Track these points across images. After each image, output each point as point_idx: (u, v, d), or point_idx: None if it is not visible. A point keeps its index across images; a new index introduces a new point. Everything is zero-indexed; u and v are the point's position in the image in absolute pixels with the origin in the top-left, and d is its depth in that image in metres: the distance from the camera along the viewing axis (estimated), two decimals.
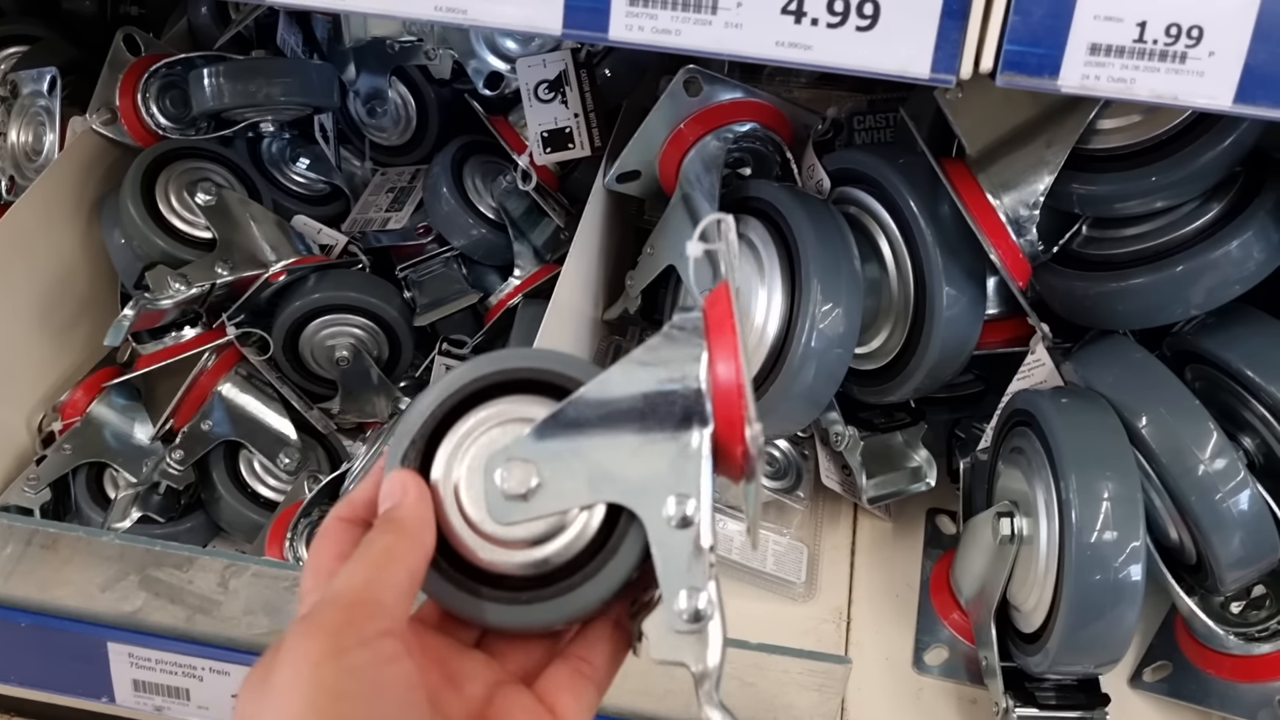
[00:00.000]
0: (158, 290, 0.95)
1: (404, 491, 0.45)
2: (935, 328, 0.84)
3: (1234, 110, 0.58)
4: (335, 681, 0.39)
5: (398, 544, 0.43)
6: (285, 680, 0.39)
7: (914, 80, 0.61)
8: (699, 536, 0.43)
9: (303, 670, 0.39)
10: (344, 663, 0.40)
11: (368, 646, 0.40)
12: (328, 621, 0.41)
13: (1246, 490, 0.76)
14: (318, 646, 0.40)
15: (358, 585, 0.42)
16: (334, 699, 0.39)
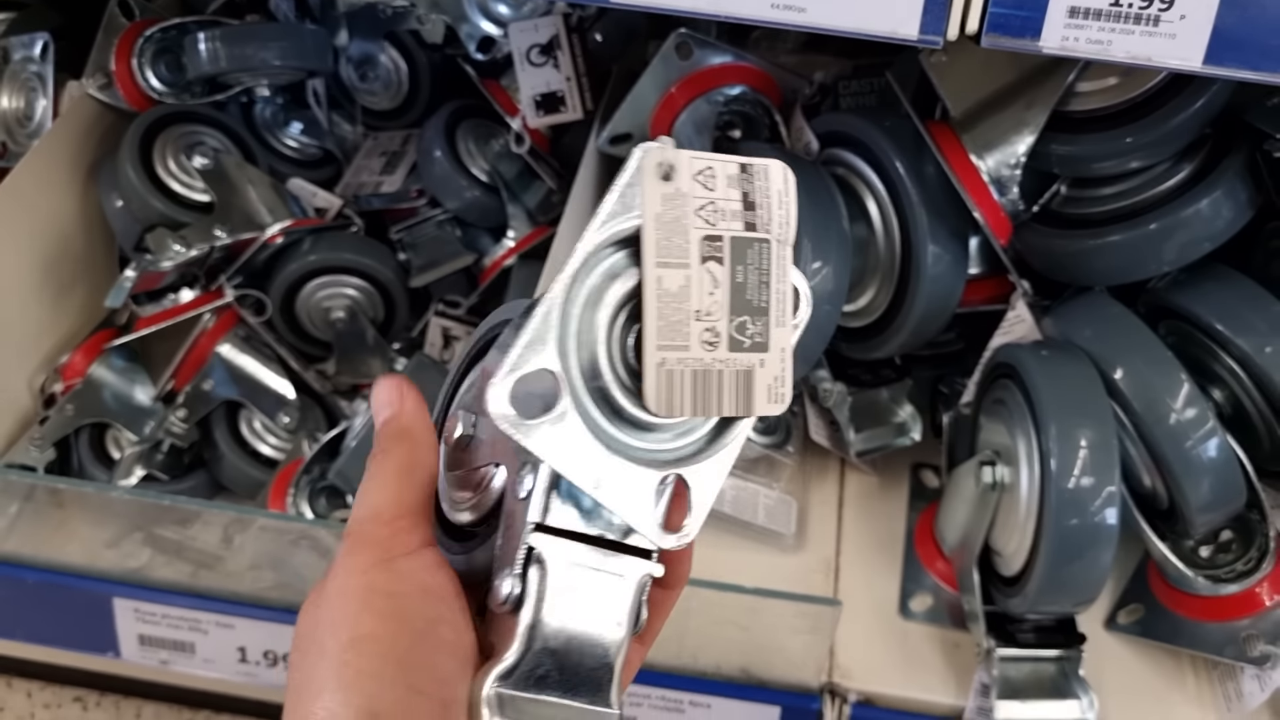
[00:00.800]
0: (158, 252, 0.96)
1: (401, 398, 0.45)
2: (921, 285, 0.86)
3: (1204, 71, 0.61)
4: (386, 583, 0.40)
5: (413, 453, 0.44)
6: (337, 588, 0.41)
7: (903, 41, 0.63)
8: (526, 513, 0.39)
9: (354, 577, 0.41)
10: (392, 569, 0.41)
11: (413, 556, 0.41)
12: (372, 536, 0.42)
13: (1215, 438, 0.80)
14: (366, 557, 0.41)
15: (391, 500, 0.42)
16: (386, 597, 0.40)
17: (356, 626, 0.39)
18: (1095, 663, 0.86)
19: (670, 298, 0.38)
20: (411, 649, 0.39)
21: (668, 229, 0.38)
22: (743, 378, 0.39)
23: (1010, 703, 0.83)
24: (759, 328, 0.39)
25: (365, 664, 0.38)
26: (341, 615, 0.40)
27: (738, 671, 0.87)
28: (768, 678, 0.87)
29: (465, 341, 0.48)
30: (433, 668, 0.39)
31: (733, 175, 0.38)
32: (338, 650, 0.39)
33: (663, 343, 0.38)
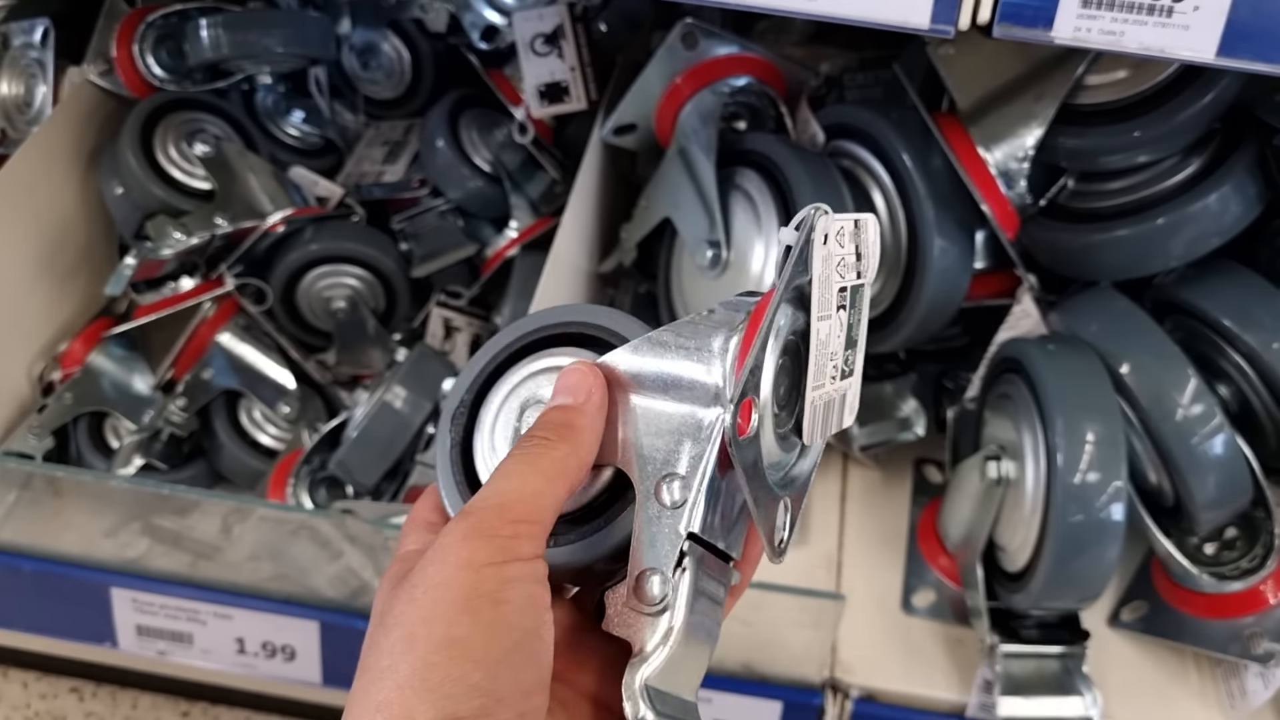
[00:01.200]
0: (159, 239, 0.96)
1: (589, 394, 0.43)
2: (927, 279, 0.86)
3: (1217, 63, 0.61)
4: (494, 589, 0.39)
5: (571, 457, 0.42)
6: (441, 578, 0.39)
7: (914, 30, 0.62)
8: (680, 522, 0.42)
9: (462, 572, 0.39)
10: (504, 574, 0.39)
11: (527, 564, 0.40)
12: (492, 529, 0.40)
13: (1222, 434, 0.79)
14: (480, 552, 0.39)
15: (528, 495, 0.41)
16: (492, 605, 0.38)
17: (453, 626, 0.38)
18: (1098, 659, 0.86)
19: (822, 344, 0.44)
20: (502, 660, 0.38)
21: (823, 286, 0.43)
22: (841, 400, 0.46)
23: (1014, 699, 0.83)
24: (854, 357, 0.46)
25: (454, 669, 0.37)
26: (438, 610, 0.38)
27: (739, 666, 0.87)
28: (769, 673, 0.86)
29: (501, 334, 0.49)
30: (517, 679, 0.39)
31: (852, 232, 0.44)
32: (428, 648, 0.37)
33: (815, 384, 0.44)
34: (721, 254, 0.88)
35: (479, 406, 0.47)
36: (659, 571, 0.42)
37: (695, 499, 0.42)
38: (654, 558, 0.42)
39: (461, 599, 0.38)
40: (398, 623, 0.39)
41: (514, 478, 0.41)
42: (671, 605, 0.41)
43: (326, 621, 0.91)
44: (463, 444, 0.47)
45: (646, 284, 1.04)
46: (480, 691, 0.37)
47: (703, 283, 0.91)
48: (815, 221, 0.43)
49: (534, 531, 0.40)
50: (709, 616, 0.43)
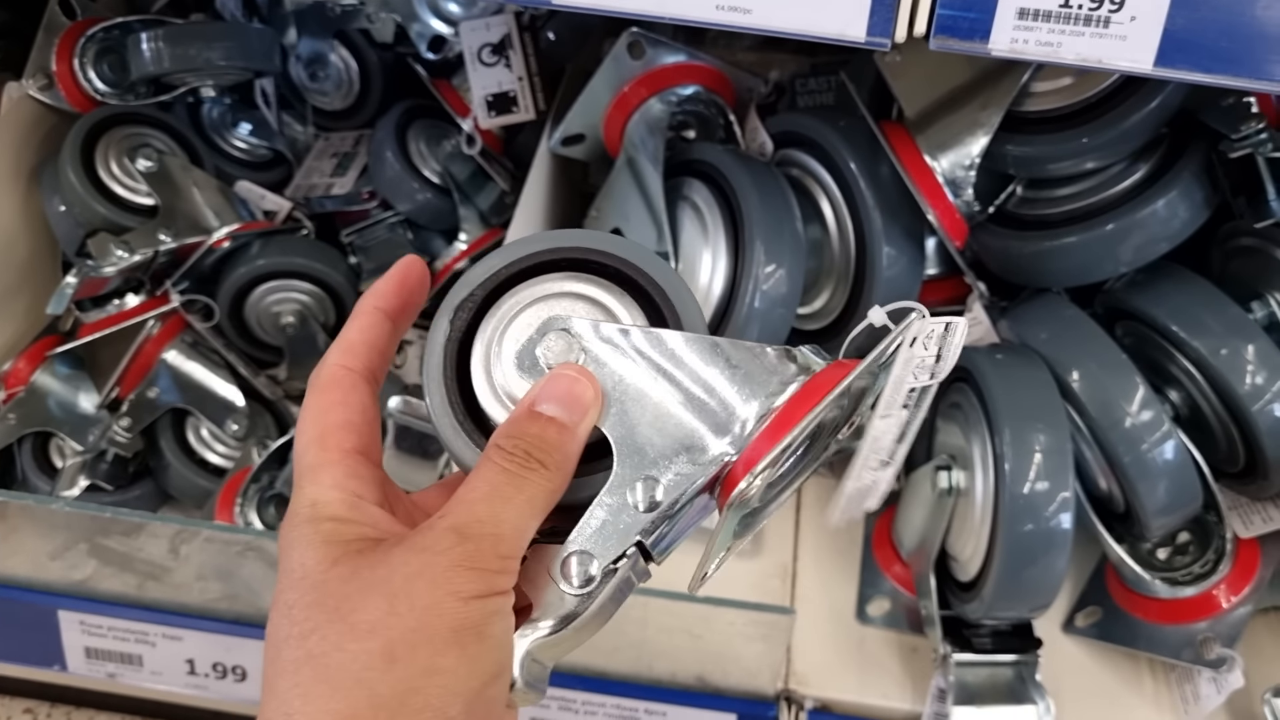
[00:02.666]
0: (100, 257, 0.94)
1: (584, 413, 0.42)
2: (876, 287, 0.86)
3: (1154, 73, 0.60)
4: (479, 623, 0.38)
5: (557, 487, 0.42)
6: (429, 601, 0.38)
7: (850, 43, 0.62)
8: (639, 526, 0.41)
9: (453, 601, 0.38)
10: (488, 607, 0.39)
11: (506, 597, 0.40)
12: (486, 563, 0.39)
13: (1171, 441, 0.79)
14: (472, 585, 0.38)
15: (521, 529, 0.40)
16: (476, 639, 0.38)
17: (439, 656, 0.37)
18: (1053, 666, 0.86)
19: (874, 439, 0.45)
20: (479, 694, 0.38)
21: (895, 385, 0.43)
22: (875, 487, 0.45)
23: (967, 709, 0.83)
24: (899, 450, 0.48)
25: (435, 699, 0.37)
26: (424, 635, 0.37)
27: (693, 679, 0.86)
28: (723, 685, 0.86)
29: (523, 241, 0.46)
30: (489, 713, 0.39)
31: (940, 334, 0.42)
32: (410, 672, 0.37)
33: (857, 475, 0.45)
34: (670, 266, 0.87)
35: (487, 307, 0.45)
36: (596, 559, 0.41)
37: (661, 514, 0.42)
38: (598, 545, 0.41)
39: (449, 629, 0.38)
40: (373, 630, 0.37)
41: (509, 506, 0.40)
42: (592, 595, 0.41)
43: None
44: (461, 339, 0.45)
45: None
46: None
47: None
48: (910, 324, 0.41)
49: (515, 566, 0.40)
50: (611, 608, 0.42)
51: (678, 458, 0.42)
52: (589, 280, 0.45)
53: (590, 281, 0.45)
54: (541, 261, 0.45)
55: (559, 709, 0.87)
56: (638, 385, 0.42)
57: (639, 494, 0.42)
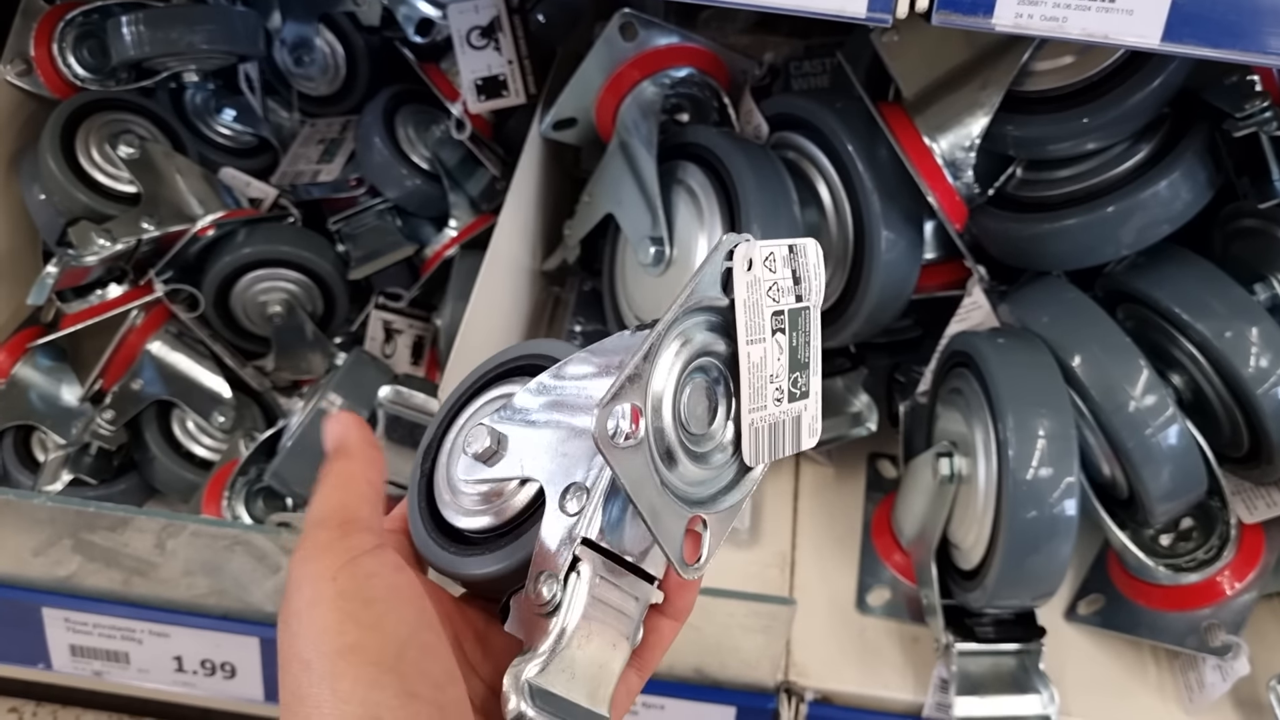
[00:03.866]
0: (81, 247, 0.92)
1: (345, 429, 0.47)
2: (874, 271, 0.84)
3: (1162, 48, 0.59)
4: (357, 589, 0.40)
5: (350, 465, 0.45)
6: (307, 600, 0.40)
7: (850, 19, 0.60)
8: (573, 528, 0.43)
9: (322, 586, 0.40)
10: (357, 570, 0.41)
11: (372, 555, 0.42)
12: (324, 540, 0.42)
13: (1175, 425, 0.78)
14: (327, 563, 0.41)
15: (334, 507, 0.43)
16: (364, 605, 0.40)
17: (340, 637, 0.39)
18: (1055, 654, 0.85)
19: (755, 367, 0.45)
20: (400, 656, 0.39)
21: (751, 311, 0.44)
22: (795, 422, 0.47)
23: (970, 699, 0.82)
24: (805, 379, 0.47)
25: (359, 673, 0.38)
26: (321, 628, 0.39)
27: (691, 672, 0.85)
28: (722, 678, 0.84)
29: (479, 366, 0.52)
30: (423, 673, 0.40)
31: (785, 256, 0.45)
32: (326, 663, 0.38)
33: (752, 406, 0.45)
34: (665, 251, 0.85)
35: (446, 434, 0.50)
36: (553, 575, 0.43)
37: (591, 506, 0.43)
38: (551, 561, 0.44)
39: (336, 610, 0.39)
40: (291, 656, 0.39)
41: (315, 501, 0.44)
42: (562, 607, 0.43)
43: (267, 637, 0.88)
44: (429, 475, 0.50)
45: (591, 281, 1.02)
46: (393, 690, 0.38)
47: (646, 280, 0.89)
48: (736, 249, 0.44)
49: (357, 529, 0.42)
50: (613, 626, 0.44)
51: (589, 458, 0.45)
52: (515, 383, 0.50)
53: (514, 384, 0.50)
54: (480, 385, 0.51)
55: None
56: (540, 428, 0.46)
57: (569, 504, 0.44)
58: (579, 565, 0.43)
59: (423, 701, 0.39)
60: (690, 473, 0.45)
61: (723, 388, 0.46)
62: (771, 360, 0.45)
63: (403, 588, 0.42)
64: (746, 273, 0.44)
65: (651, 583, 0.45)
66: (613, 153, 0.92)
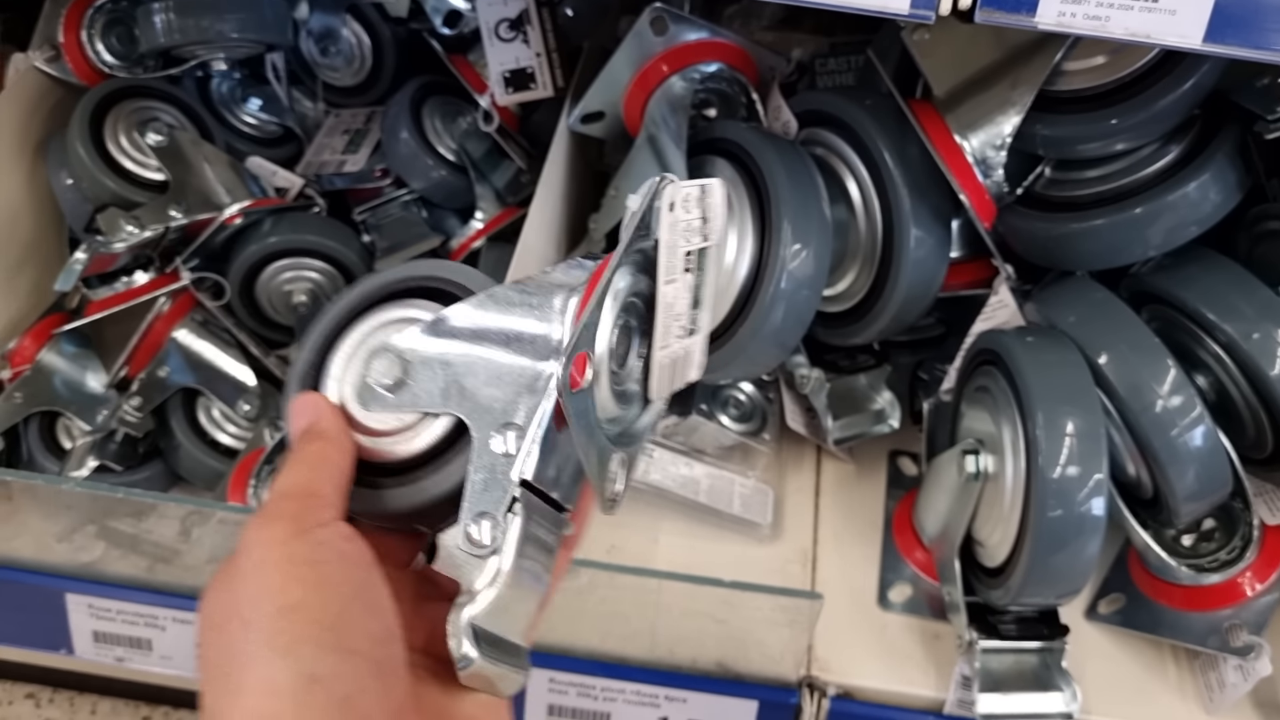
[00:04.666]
0: (110, 233, 0.92)
1: (317, 410, 0.47)
2: (903, 269, 0.84)
3: (1204, 49, 0.59)
4: (306, 553, 0.41)
5: (326, 448, 0.46)
6: (256, 561, 0.41)
7: (894, 16, 0.61)
8: (513, 469, 0.44)
9: (272, 549, 0.41)
10: (309, 538, 0.42)
11: (326, 527, 0.43)
12: (284, 509, 0.43)
13: (1202, 426, 0.78)
14: (281, 528, 0.42)
15: (301, 482, 0.44)
16: (310, 566, 0.41)
17: (284, 596, 0.40)
18: (1076, 652, 0.85)
19: (668, 306, 0.46)
20: (341, 614, 0.40)
21: (670, 251, 0.45)
22: (687, 357, 0.49)
23: (992, 695, 0.82)
24: (698, 315, 0.48)
25: (299, 630, 0.39)
26: (264, 587, 0.40)
27: (714, 665, 0.85)
28: (745, 671, 0.85)
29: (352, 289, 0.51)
30: (363, 630, 0.41)
31: (697, 197, 0.46)
32: (266, 621, 0.39)
33: (661, 344, 0.46)
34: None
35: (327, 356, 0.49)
36: (490, 515, 0.44)
37: (529, 448, 0.44)
38: (486, 502, 0.44)
39: (282, 570, 0.41)
40: (227, 615, 0.40)
41: (283, 475, 0.45)
42: (501, 549, 0.43)
43: None
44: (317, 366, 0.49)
45: None
46: (330, 648, 0.39)
47: None
48: (662, 189, 0.45)
49: (319, 504, 0.44)
50: (538, 563, 0.45)
51: (520, 398, 0.45)
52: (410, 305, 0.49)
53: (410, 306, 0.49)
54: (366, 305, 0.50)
55: (577, 695, 0.86)
56: (462, 360, 0.46)
57: (503, 443, 0.45)
58: (515, 506, 0.44)
59: (361, 657, 0.40)
60: (612, 411, 0.47)
61: (637, 325, 0.47)
62: (680, 299, 0.47)
63: (352, 554, 0.43)
64: (669, 213, 0.45)
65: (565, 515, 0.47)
66: (640, 147, 0.92)
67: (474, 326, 0.46)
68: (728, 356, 0.84)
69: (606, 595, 0.81)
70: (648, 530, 0.95)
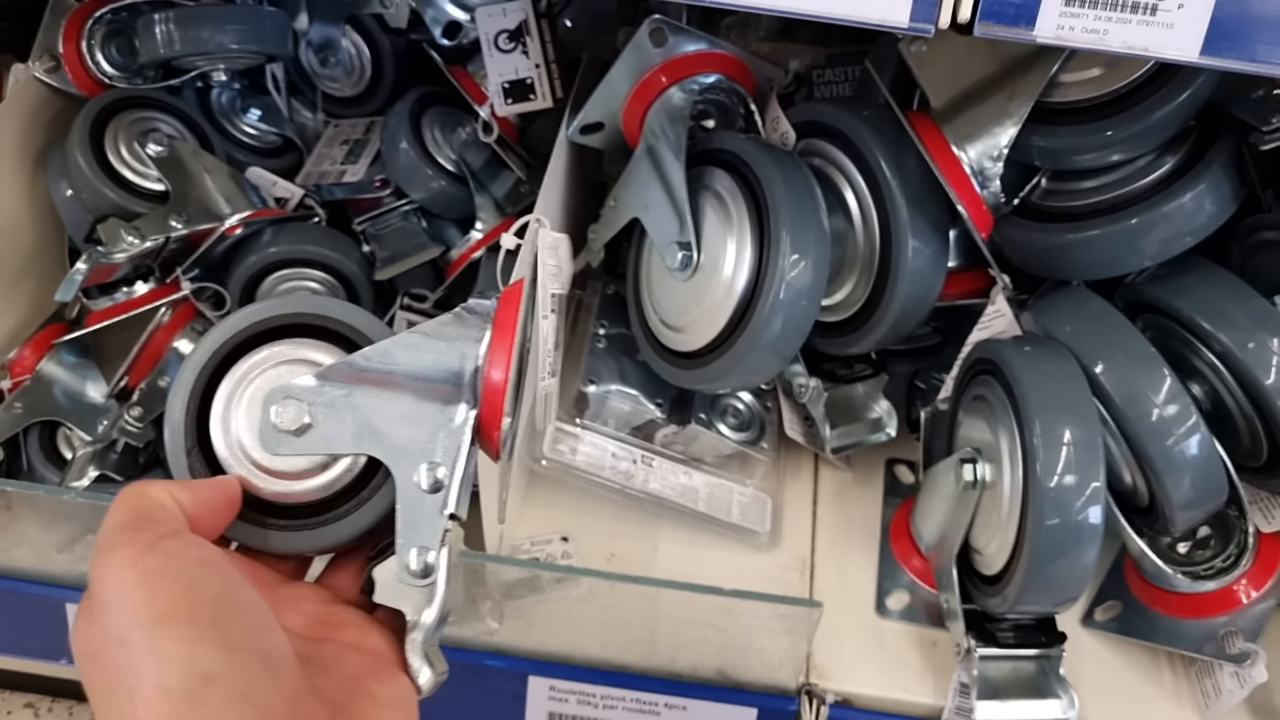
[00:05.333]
0: (110, 243, 0.92)
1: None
2: (900, 279, 0.85)
3: (1200, 62, 0.60)
4: (160, 565, 0.42)
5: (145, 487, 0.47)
6: (113, 588, 0.41)
7: (893, 29, 0.61)
8: (443, 503, 0.48)
9: (124, 571, 0.41)
10: (158, 551, 0.42)
11: (174, 537, 0.44)
12: (121, 538, 0.43)
13: (1198, 435, 0.79)
14: (128, 550, 0.42)
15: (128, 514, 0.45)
16: (168, 577, 0.42)
17: (154, 607, 0.40)
18: (1072, 660, 0.85)
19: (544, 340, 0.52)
20: (216, 615, 0.41)
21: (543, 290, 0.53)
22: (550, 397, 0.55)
23: (990, 703, 0.82)
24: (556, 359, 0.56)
25: (179, 634, 0.40)
26: (130, 606, 0.40)
27: (714, 673, 0.85)
28: (744, 679, 0.85)
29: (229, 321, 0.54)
30: (241, 627, 0.42)
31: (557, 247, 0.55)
32: (144, 634, 0.40)
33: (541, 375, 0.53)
34: (692, 256, 0.86)
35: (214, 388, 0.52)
36: (427, 549, 0.48)
37: (453, 483, 0.48)
38: (421, 536, 0.48)
39: (144, 587, 0.41)
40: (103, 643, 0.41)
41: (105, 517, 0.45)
42: (437, 577, 0.48)
43: None
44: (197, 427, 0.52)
45: (615, 285, 1.02)
46: (214, 645, 0.40)
47: (672, 284, 0.90)
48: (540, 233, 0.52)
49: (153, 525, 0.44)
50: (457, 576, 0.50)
51: (437, 436, 0.49)
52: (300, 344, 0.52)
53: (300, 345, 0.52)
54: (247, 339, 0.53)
55: (578, 703, 0.86)
56: (369, 404, 0.49)
57: (424, 480, 0.48)
58: (446, 536, 0.48)
59: (247, 652, 0.41)
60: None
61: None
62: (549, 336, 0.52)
63: (208, 558, 0.44)
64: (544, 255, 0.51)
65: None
66: (639, 158, 0.92)
67: (381, 369, 0.49)
68: (726, 366, 0.85)
69: (606, 604, 0.81)
70: (647, 539, 0.95)
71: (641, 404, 0.96)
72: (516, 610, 0.83)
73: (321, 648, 0.47)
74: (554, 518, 0.96)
